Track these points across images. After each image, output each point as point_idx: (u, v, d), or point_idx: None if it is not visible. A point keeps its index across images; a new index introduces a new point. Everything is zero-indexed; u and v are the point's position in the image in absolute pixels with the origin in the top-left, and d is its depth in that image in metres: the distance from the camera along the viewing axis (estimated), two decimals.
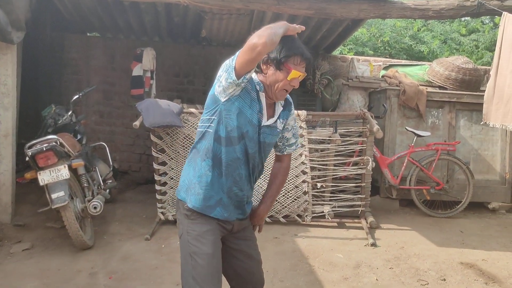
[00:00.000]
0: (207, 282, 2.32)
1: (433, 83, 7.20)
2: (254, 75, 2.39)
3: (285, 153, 2.66)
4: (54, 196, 4.41)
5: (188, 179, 2.46)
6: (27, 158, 4.50)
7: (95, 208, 4.76)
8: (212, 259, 2.36)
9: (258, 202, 2.71)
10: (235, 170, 2.38)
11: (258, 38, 2.12)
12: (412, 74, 7.57)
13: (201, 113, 5.40)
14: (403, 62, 8.93)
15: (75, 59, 8.23)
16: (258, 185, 5.09)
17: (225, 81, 2.26)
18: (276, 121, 2.47)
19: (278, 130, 2.50)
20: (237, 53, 2.21)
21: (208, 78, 8.22)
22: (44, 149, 4.45)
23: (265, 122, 2.42)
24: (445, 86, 7.02)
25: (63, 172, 4.47)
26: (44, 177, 4.42)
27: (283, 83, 2.34)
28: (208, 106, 2.40)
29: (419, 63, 8.61)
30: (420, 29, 13.31)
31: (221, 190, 2.40)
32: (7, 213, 5.22)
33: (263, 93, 2.39)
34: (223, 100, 2.31)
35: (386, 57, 11.16)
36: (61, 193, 4.41)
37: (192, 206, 2.40)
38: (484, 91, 5.29)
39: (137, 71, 6.92)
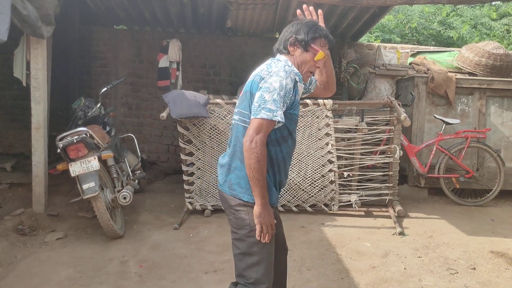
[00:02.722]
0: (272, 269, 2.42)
1: (462, 70, 7.07)
2: (291, 65, 2.40)
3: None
4: (85, 187, 4.51)
5: (243, 176, 2.38)
6: (58, 150, 4.61)
7: (124, 198, 4.86)
8: (272, 246, 2.44)
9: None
10: (287, 162, 2.48)
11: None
12: (441, 60, 7.43)
13: (227, 103, 5.48)
14: (431, 48, 8.76)
15: (103, 52, 8.34)
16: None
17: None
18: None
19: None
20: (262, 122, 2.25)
21: (233, 68, 8.22)
22: (75, 141, 4.55)
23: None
24: (475, 73, 6.88)
25: (93, 163, 4.57)
26: (75, 169, 4.52)
27: (310, 65, 2.41)
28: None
29: (448, 49, 8.45)
30: (449, 14, 13.03)
31: (277, 184, 2.47)
32: (41, 203, 5.35)
33: (302, 84, 2.46)
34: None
35: (414, 44, 10.96)
36: (92, 184, 4.52)
37: (253, 201, 2.35)
38: None
39: (163, 62, 6.99)
